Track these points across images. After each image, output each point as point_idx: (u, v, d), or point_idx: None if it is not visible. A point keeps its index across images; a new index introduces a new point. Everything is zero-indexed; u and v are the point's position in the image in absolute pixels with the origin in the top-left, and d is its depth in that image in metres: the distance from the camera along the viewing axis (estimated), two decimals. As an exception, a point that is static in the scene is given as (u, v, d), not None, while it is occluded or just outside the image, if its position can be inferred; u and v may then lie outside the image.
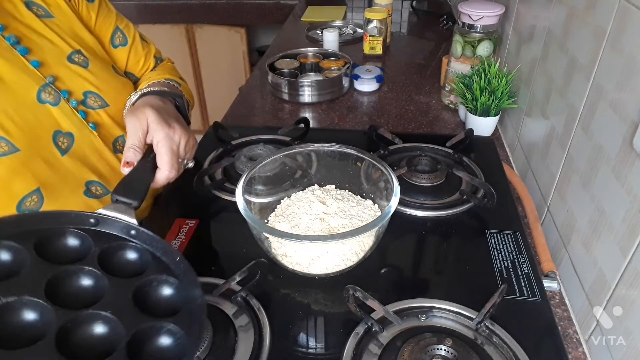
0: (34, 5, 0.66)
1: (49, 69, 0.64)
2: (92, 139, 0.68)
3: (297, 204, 0.68)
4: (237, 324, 0.55)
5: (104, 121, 0.70)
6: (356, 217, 0.65)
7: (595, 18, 0.63)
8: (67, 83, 0.65)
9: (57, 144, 0.63)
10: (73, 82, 0.66)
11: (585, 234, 0.63)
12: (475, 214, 0.72)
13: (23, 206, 0.60)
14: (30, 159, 0.60)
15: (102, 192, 0.69)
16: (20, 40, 0.62)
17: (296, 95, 1.23)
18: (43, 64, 0.63)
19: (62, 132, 0.64)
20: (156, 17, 2.43)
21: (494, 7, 1.01)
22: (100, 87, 0.69)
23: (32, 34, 0.64)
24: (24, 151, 0.59)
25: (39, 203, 0.61)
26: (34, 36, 0.64)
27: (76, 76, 0.67)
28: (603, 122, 0.60)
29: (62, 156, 0.64)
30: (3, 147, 0.57)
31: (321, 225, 0.63)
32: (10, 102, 0.59)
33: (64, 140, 0.64)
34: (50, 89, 0.63)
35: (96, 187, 0.68)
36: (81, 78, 0.67)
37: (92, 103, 0.68)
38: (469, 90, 0.99)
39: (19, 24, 0.63)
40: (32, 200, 0.61)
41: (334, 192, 0.71)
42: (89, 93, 0.68)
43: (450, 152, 0.86)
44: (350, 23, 1.77)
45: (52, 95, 0.63)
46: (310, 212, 0.65)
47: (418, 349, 0.49)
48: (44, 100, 0.62)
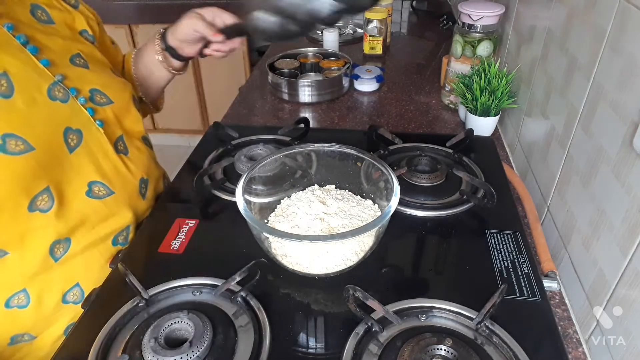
0: (39, 9, 0.68)
1: (57, 68, 0.65)
2: (98, 137, 0.68)
3: (297, 204, 0.68)
4: (237, 324, 0.55)
5: (109, 118, 0.71)
6: (356, 217, 0.65)
7: (595, 18, 0.63)
8: (75, 81, 0.66)
9: (67, 141, 0.64)
10: (79, 80, 0.67)
11: (585, 234, 0.63)
12: (475, 214, 0.72)
13: (34, 206, 0.60)
14: (44, 157, 0.60)
15: (104, 192, 0.69)
16: (30, 40, 0.63)
17: (296, 95, 1.23)
18: (52, 63, 0.64)
19: (72, 129, 0.64)
20: (156, 17, 2.43)
21: (494, 7, 1.01)
22: (103, 85, 0.70)
23: (38, 36, 0.65)
24: (38, 150, 0.59)
25: (49, 203, 0.61)
26: (40, 38, 0.65)
27: (81, 76, 0.68)
28: (603, 122, 0.60)
29: (70, 154, 0.64)
30: (19, 146, 0.57)
31: (321, 225, 0.63)
32: (24, 101, 0.59)
33: (74, 137, 0.65)
34: (59, 87, 0.64)
35: (99, 187, 0.68)
36: (85, 77, 0.68)
37: (99, 99, 0.69)
38: (469, 90, 0.99)
39: (26, 26, 0.65)
40: (43, 199, 0.60)
41: (334, 192, 0.71)
42: (95, 90, 0.69)
43: (450, 152, 0.86)
44: (350, 23, 1.76)
45: (61, 93, 0.64)
46: (310, 212, 0.65)
47: (418, 349, 0.49)
48: (55, 97, 0.63)
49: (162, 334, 0.51)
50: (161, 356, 0.48)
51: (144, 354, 0.49)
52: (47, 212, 0.61)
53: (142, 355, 0.49)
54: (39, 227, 0.61)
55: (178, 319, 0.52)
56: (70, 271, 0.65)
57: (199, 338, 0.50)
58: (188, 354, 0.48)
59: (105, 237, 0.69)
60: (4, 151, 0.55)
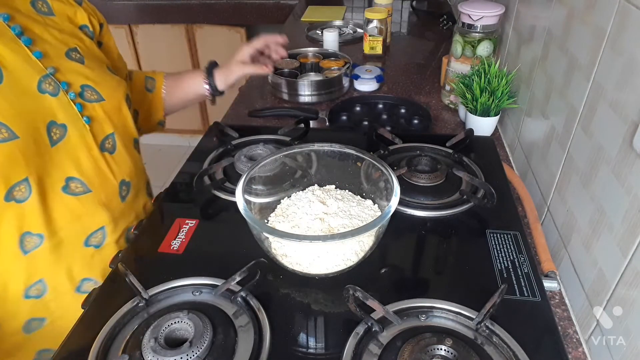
0: (39, 0, 0.68)
1: (50, 61, 0.65)
2: (84, 133, 0.67)
3: (297, 204, 0.68)
4: (237, 324, 0.55)
5: (98, 115, 0.70)
6: (356, 217, 0.65)
7: (595, 18, 0.63)
8: (67, 75, 0.66)
9: (49, 135, 0.63)
10: (72, 75, 0.67)
11: (585, 234, 0.63)
12: (475, 214, 0.72)
13: (10, 195, 0.60)
14: (26, 147, 0.60)
15: (81, 189, 0.67)
16: (25, 31, 0.63)
17: (296, 95, 1.23)
18: (45, 55, 0.64)
19: (57, 123, 0.64)
20: (156, 17, 2.43)
21: (494, 7, 1.01)
22: (96, 81, 0.70)
23: (35, 27, 0.65)
24: (22, 139, 0.59)
25: (26, 193, 0.61)
26: (36, 29, 0.65)
27: (74, 70, 0.67)
28: (603, 122, 0.60)
29: (51, 147, 0.63)
30: (3, 134, 0.57)
31: (321, 225, 0.63)
32: (13, 90, 0.60)
33: (57, 132, 0.64)
34: (50, 79, 0.63)
35: (76, 184, 0.67)
36: (79, 72, 0.68)
37: (89, 96, 0.69)
38: (469, 90, 0.99)
39: (23, 17, 0.65)
40: (20, 190, 0.60)
41: (334, 192, 0.71)
42: (86, 87, 0.68)
43: (450, 152, 0.86)
44: (350, 23, 1.77)
45: (52, 86, 0.63)
46: (310, 212, 0.65)
47: (418, 349, 0.49)
48: (44, 90, 0.63)
49: (162, 334, 0.51)
50: (161, 356, 0.48)
51: (143, 354, 0.49)
52: (22, 202, 0.61)
53: (142, 355, 0.49)
54: (12, 217, 0.61)
55: (178, 319, 0.52)
56: (37, 266, 0.65)
57: (199, 338, 0.50)
58: (188, 354, 0.48)
59: (77, 236, 0.68)
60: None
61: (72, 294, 0.70)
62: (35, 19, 0.66)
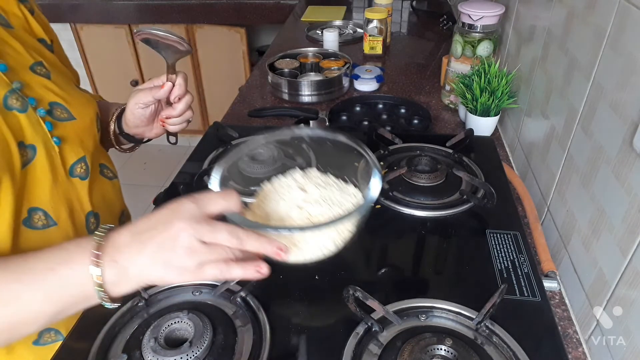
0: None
1: (16, 75, 0.59)
2: (53, 155, 0.61)
3: (278, 190, 0.65)
4: (237, 324, 0.55)
5: (68, 136, 0.63)
6: (337, 205, 0.62)
7: (595, 18, 0.63)
8: (35, 90, 0.60)
9: (21, 156, 0.57)
10: (40, 90, 0.61)
11: (585, 234, 0.63)
12: (475, 214, 0.72)
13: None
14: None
15: (44, 223, 0.60)
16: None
17: (296, 95, 1.23)
18: (9, 69, 0.58)
19: (24, 144, 0.57)
20: (156, 17, 2.43)
21: (494, 7, 1.01)
22: (65, 98, 0.64)
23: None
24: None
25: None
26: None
27: (42, 85, 0.62)
28: (603, 122, 0.60)
29: (21, 170, 0.56)
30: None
31: (299, 213, 0.60)
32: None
33: (24, 154, 0.57)
34: (17, 95, 0.57)
35: (40, 215, 0.60)
36: (46, 88, 0.62)
37: (59, 114, 0.63)
38: (469, 90, 0.99)
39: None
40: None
41: (316, 177, 0.67)
42: (55, 104, 0.62)
43: (450, 152, 0.86)
44: (350, 23, 1.77)
45: (19, 102, 0.57)
46: (289, 200, 0.60)
47: (418, 349, 0.49)
48: (11, 106, 0.56)
49: (162, 334, 0.51)
50: (161, 356, 0.48)
51: (143, 354, 0.49)
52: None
53: (142, 355, 0.49)
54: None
55: (178, 319, 0.52)
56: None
57: (198, 338, 0.50)
58: (188, 354, 0.48)
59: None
60: None
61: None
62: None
